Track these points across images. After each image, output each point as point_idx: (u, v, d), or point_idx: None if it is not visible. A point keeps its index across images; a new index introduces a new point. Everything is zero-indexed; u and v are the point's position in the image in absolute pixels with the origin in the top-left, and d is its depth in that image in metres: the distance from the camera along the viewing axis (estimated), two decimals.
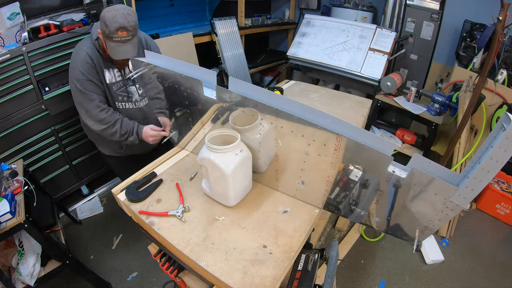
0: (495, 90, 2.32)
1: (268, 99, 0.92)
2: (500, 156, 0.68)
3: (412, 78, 3.05)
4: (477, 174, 0.73)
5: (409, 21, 3.04)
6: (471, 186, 0.75)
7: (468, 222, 2.44)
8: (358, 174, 0.95)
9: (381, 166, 0.85)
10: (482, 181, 0.73)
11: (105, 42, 1.30)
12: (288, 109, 0.90)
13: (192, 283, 1.07)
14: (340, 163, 0.93)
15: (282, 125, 0.95)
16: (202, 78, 1.04)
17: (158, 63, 1.13)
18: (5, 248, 1.58)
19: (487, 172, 0.72)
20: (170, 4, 3.26)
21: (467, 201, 0.79)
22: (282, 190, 1.17)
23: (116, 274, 1.96)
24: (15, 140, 1.99)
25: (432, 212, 0.88)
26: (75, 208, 2.47)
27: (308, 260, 1.03)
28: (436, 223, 0.91)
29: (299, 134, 0.94)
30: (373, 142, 0.82)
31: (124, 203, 1.12)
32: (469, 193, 0.77)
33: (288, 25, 4.08)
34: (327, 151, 0.92)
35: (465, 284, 1.95)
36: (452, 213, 0.84)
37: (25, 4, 1.93)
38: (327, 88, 2.38)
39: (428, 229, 0.95)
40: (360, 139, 0.83)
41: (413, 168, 0.81)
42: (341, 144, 0.87)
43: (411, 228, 1.00)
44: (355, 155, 0.88)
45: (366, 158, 0.87)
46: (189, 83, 1.08)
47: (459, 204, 0.81)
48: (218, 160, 0.96)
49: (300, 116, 0.88)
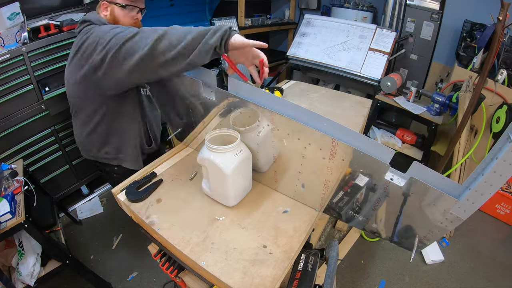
0: (495, 90, 2.32)
1: (266, 101, 0.91)
2: (504, 170, 0.65)
3: (412, 78, 3.05)
4: (479, 187, 0.70)
5: (409, 21, 3.04)
6: (472, 199, 0.72)
7: (468, 222, 2.42)
8: (363, 180, 0.91)
9: (379, 173, 0.83)
10: (484, 195, 0.70)
11: (118, 0, 1.19)
12: (284, 111, 0.88)
13: (192, 283, 1.07)
14: (338, 167, 0.91)
15: (279, 127, 0.95)
16: (201, 79, 1.04)
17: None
18: (5, 248, 1.58)
19: (490, 185, 0.69)
20: (170, 4, 3.26)
21: (468, 214, 0.76)
22: (281, 191, 1.17)
23: (116, 274, 1.96)
24: (15, 140, 1.99)
25: (431, 222, 0.85)
26: (75, 208, 2.47)
27: (308, 260, 1.03)
28: (436, 233, 0.88)
29: (295, 137, 0.93)
30: (370, 148, 0.79)
31: (124, 203, 1.12)
32: (470, 206, 0.74)
33: (288, 25, 4.08)
34: (324, 154, 0.90)
35: (465, 284, 1.95)
36: (452, 225, 0.81)
37: (25, 4, 1.94)
38: (327, 88, 2.37)
39: (427, 239, 0.93)
40: (356, 145, 0.80)
41: (411, 177, 0.78)
42: (337, 148, 0.84)
43: (410, 237, 0.98)
44: (352, 160, 0.85)
45: (364, 164, 0.84)
46: (189, 83, 1.08)
47: (459, 216, 0.77)
48: (218, 160, 0.96)
49: (296, 119, 0.86)
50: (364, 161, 0.81)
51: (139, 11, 1.27)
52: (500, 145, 0.67)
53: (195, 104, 1.16)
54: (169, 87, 1.21)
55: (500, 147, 0.67)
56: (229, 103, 1.03)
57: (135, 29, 1.01)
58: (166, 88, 1.23)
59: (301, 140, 0.92)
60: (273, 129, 0.97)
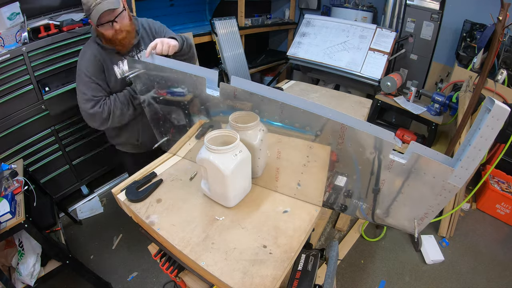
0: (495, 90, 2.32)
1: (271, 94, 0.95)
2: (488, 134, 0.77)
3: (412, 78, 3.05)
4: (470, 154, 0.81)
5: (409, 21, 3.04)
6: (466, 165, 0.83)
7: (468, 222, 2.44)
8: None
9: (384, 154, 0.89)
10: (475, 160, 0.81)
11: (91, 22, 1.29)
12: (291, 102, 0.92)
13: (192, 283, 1.07)
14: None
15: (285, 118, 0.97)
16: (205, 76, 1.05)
17: (157, 62, 1.14)
18: (5, 248, 1.59)
19: (479, 150, 0.80)
20: (170, 4, 3.26)
21: (463, 181, 0.85)
22: (281, 191, 1.17)
23: (116, 274, 1.96)
24: (15, 140, 1.99)
25: (431, 196, 0.92)
26: (75, 208, 2.47)
27: (308, 260, 1.03)
28: (436, 207, 0.95)
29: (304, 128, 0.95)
30: (373, 131, 0.87)
31: (124, 203, 1.12)
32: (464, 173, 0.84)
33: (288, 25, 4.08)
34: (332, 140, 0.94)
35: (465, 284, 1.95)
36: (450, 194, 0.90)
37: (25, 4, 1.94)
38: (327, 88, 2.38)
39: (428, 215, 0.98)
40: (361, 127, 0.87)
41: (413, 152, 0.85)
42: (345, 133, 0.90)
43: (411, 217, 1.02)
44: (356, 143, 0.91)
45: (372, 145, 0.89)
46: (192, 81, 1.09)
47: (456, 185, 0.87)
48: (217, 161, 0.96)
49: (306, 108, 0.90)
50: (372, 142, 0.88)
51: (112, 23, 1.30)
52: (480, 117, 0.80)
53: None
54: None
55: (481, 119, 0.80)
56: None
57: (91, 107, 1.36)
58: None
59: (311, 128, 0.94)
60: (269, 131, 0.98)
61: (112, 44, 1.36)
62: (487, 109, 0.77)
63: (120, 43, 1.36)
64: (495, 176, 2.61)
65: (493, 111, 0.74)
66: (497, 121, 0.75)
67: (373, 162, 0.93)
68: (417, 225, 1.01)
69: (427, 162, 0.86)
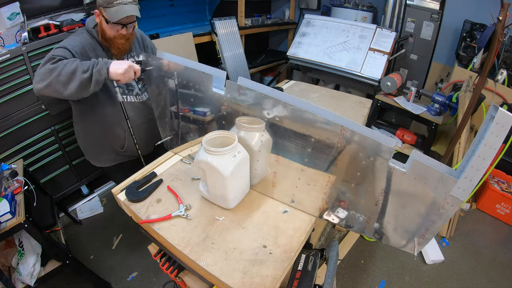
0: (495, 90, 2.32)
1: (275, 94, 0.96)
2: (493, 142, 0.74)
3: (412, 78, 3.05)
4: (474, 163, 0.77)
5: (409, 21, 3.04)
6: (470, 176, 0.78)
7: (468, 222, 2.44)
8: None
9: (383, 157, 0.87)
10: (479, 170, 0.77)
11: (104, 14, 1.25)
12: (295, 103, 0.94)
13: (192, 283, 1.07)
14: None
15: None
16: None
17: (170, 59, 1.17)
18: (5, 248, 1.58)
19: (483, 159, 0.76)
20: (170, 4, 3.26)
21: (467, 193, 0.80)
22: (277, 198, 1.16)
23: (116, 274, 1.96)
24: (15, 140, 1.99)
25: (433, 210, 0.89)
26: (75, 208, 2.47)
27: (308, 260, 1.03)
28: (438, 222, 0.91)
29: (304, 130, 0.96)
30: (373, 135, 0.86)
31: (124, 203, 1.12)
32: (468, 184, 0.79)
33: (288, 25, 4.08)
34: (328, 151, 0.92)
35: (465, 284, 1.95)
36: (453, 208, 0.85)
37: (25, 4, 1.94)
38: (327, 88, 2.38)
39: (430, 232, 0.94)
40: (361, 131, 0.87)
41: (414, 160, 0.83)
42: (345, 135, 0.89)
43: (411, 234, 1.00)
44: (357, 149, 0.90)
45: (371, 149, 0.88)
46: (199, 78, 1.11)
47: (458, 197, 0.82)
48: (216, 163, 0.95)
49: (307, 109, 0.92)
50: (371, 144, 0.87)
51: (123, 26, 1.31)
52: (484, 126, 0.77)
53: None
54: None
55: (485, 128, 0.76)
56: None
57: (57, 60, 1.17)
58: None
59: (309, 132, 0.95)
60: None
61: (109, 44, 1.35)
62: (491, 117, 0.75)
63: (118, 48, 1.37)
64: (495, 176, 2.61)
65: (497, 117, 0.72)
66: (501, 128, 0.72)
67: (372, 169, 0.91)
68: (417, 244, 0.97)
69: (428, 171, 0.82)
